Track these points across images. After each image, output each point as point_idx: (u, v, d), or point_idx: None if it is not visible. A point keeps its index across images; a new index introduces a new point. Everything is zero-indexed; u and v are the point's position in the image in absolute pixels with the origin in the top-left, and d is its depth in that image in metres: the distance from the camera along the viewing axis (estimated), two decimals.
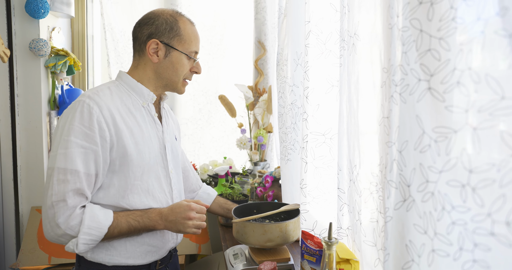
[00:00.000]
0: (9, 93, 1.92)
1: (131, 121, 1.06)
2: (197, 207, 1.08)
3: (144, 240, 1.08)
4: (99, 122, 0.99)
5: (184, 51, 1.11)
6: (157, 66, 1.11)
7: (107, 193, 1.03)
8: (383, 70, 0.86)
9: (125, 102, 1.08)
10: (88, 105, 0.99)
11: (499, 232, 0.58)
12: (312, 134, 1.27)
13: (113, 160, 1.02)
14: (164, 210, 1.07)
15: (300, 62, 1.36)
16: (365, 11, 0.95)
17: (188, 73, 1.16)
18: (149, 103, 1.13)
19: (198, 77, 2.32)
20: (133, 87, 1.11)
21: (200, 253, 1.90)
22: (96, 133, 0.98)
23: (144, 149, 1.07)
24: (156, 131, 1.13)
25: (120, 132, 1.02)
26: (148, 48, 1.09)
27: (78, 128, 0.97)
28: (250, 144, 2.16)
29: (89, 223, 0.96)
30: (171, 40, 1.10)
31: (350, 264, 1.03)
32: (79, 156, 0.97)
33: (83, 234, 0.95)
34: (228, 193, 1.69)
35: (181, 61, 1.12)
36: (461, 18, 0.64)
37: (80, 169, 0.96)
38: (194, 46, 1.14)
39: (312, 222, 1.31)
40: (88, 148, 0.97)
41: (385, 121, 0.84)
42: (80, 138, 0.97)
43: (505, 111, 0.57)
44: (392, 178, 0.78)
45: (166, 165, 1.14)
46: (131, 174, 1.04)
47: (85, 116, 0.98)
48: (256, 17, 2.29)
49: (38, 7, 1.80)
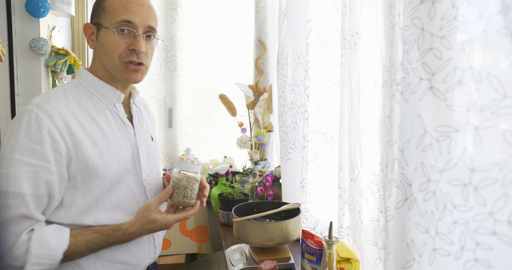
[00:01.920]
0: (9, 92, 1.92)
1: (92, 128, 0.91)
2: (174, 221, 0.95)
3: (116, 258, 0.94)
4: (51, 134, 0.84)
5: (108, 26, 0.91)
6: (97, 53, 0.96)
7: (69, 212, 0.89)
8: (385, 69, 0.86)
9: (85, 106, 0.92)
10: (36, 115, 0.84)
11: (501, 231, 0.58)
12: (313, 133, 1.27)
13: (73, 175, 0.88)
14: (133, 234, 0.92)
15: (300, 61, 1.36)
16: (366, 10, 0.95)
17: (126, 53, 0.93)
18: (116, 103, 0.98)
19: (199, 76, 2.32)
20: (95, 86, 0.96)
21: (201, 252, 1.90)
22: (46, 148, 0.83)
23: (111, 159, 0.92)
24: (127, 134, 0.99)
25: (78, 143, 0.87)
26: (86, 35, 0.96)
27: (23, 143, 0.82)
28: (250, 143, 2.16)
29: (37, 251, 0.81)
30: (98, 18, 0.94)
31: (350, 263, 1.03)
32: (24, 176, 0.82)
33: (31, 265, 0.80)
34: (229, 192, 1.69)
35: (108, 39, 0.92)
36: (463, 17, 0.64)
37: (25, 191, 0.82)
38: (122, 14, 0.91)
39: (313, 221, 1.31)
40: (37, 166, 0.83)
41: (387, 120, 0.84)
42: (26, 155, 0.82)
43: (507, 110, 0.57)
44: (393, 177, 0.78)
45: (139, 172, 1.00)
46: (97, 189, 0.90)
47: (32, 129, 0.83)
48: (256, 16, 2.29)
49: (38, 6, 1.80)
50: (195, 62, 2.31)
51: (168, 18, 2.20)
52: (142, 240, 0.99)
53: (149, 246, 1.02)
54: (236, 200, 1.64)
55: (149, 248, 1.02)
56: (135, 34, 0.93)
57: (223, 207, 1.68)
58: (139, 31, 0.93)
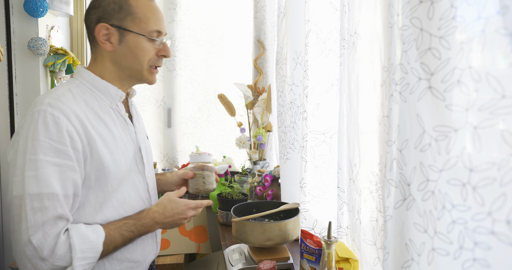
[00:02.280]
0: (7, 92, 1.91)
1: (101, 127, 0.91)
2: (195, 204, 1.03)
3: (124, 257, 0.96)
4: (70, 132, 0.83)
5: (141, 32, 0.94)
6: (113, 55, 0.95)
7: (82, 212, 0.89)
8: (383, 69, 0.86)
9: (91, 106, 0.92)
10: (51, 114, 0.83)
11: (499, 230, 0.58)
12: (312, 133, 1.27)
13: (88, 174, 0.88)
14: (157, 212, 0.97)
15: (299, 61, 1.36)
16: (365, 10, 0.95)
17: (155, 58, 0.98)
18: (118, 102, 0.99)
19: (198, 76, 2.32)
20: (97, 85, 0.95)
21: (200, 252, 1.90)
22: (68, 147, 0.83)
23: (120, 157, 0.93)
24: (129, 133, 1.00)
25: (93, 142, 0.87)
26: (98, 35, 0.93)
27: (45, 143, 0.81)
28: (249, 143, 2.16)
29: (81, 246, 0.82)
30: (122, 22, 0.93)
31: (349, 263, 1.03)
32: (54, 176, 0.81)
33: (78, 261, 0.81)
34: (228, 192, 1.69)
35: (140, 45, 0.94)
36: (462, 17, 0.64)
37: (58, 191, 0.81)
38: (154, 24, 0.95)
39: (312, 221, 1.31)
40: (62, 166, 0.82)
41: (385, 120, 0.84)
42: (50, 155, 0.81)
43: (506, 110, 0.57)
44: (392, 177, 0.78)
45: (142, 170, 1.02)
46: (109, 188, 0.91)
47: (51, 128, 0.82)
48: (255, 16, 2.29)
49: (37, 6, 1.80)
50: (194, 62, 2.31)
51: (167, 18, 2.20)
52: (146, 237, 1.02)
53: (152, 242, 1.05)
54: (235, 200, 1.64)
55: (152, 244, 1.05)
56: (161, 41, 0.99)
57: (222, 207, 1.68)
58: (164, 38, 1.00)
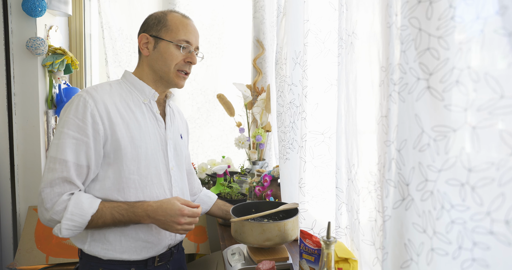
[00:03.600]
0: (6, 92, 1.91)
1: (128, 116, 1.08)
2: (189, 212, 1.06)
3: (139, 236, 1.09)
4: (93, 115, 1.02)
5: (171, 40, 1.13)
6: (149, 59, 1.15)
7: (103, 185, 1.06)
8: (382, 69, 0.86)
9: (125, 98, 1.11)
10: (84, 99, 1.03)
11: (498, 230, 0.58)
12: (311, 133, 1.27)
13: (108, 153, 1.05)
14: (151, 206, 1.05)
15: (299, 61, 1.36)
16: (363, 9, 0.95)
17: (182, 64, 1.15)
18: (151, 100, 1.15)
19: (197, 76, 2.31)
20: (135, 84, 1.14)
21: (199, 253, 1.90)
22: (88, 126, 1.01)
23: (141, 143, 1.08)
24: (158, 128, 1.15)
25: (114, 126, 1.04)
26: (140, 43, 1.15)
27: (72, 120, 1.01)
28: (248, 143, 2.16)
29: (72, 209, 0.98)
30: (158, 32, 1.13)
31: (348, 263, 1.03)
32: (69, 146, 1.00)
33: (65, 220, 0.98)
34: (227, 192, 1.69)
35: (169, 50, 1.13)
36: (460, 17, 0.64)
37: (69, 159, 1.00)
38: (183, 34, 1.14)
39: (311, 221, 1.31)
40: (79, 140, 1.01)
41: (384, 120, 0.84)
42: (72, 130, 1.01)
43: (504, 110, 0.57)
44: (390, 177, 0.78)
45: (167, 162, 1.15)
46: (125, 168, 1.06)
47: (79, 109, 1.02)
48: (254, 16, 2.29)
49: (35, 6, 1.79)
50: None
51: None
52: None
53: None
54: (234, 200, 1.64)
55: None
56: (190, 50, 1.16)
57: None
58: (193, 49, 1.17)
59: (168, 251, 1.17)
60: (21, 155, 1.93)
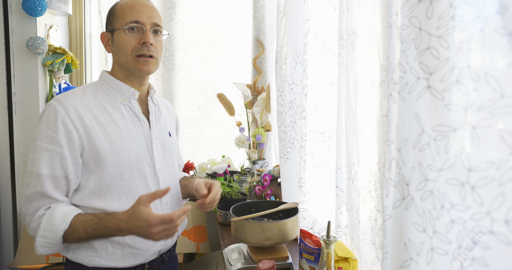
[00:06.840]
0: (6, 91, 1.91)
1: (105, 119, 1.02)
2: (158, 221, 0.89)
3: (125, 242, 1.01)
4: (65, 123, 0.97)
5: (120, 27, 1.05)
6: (113, 55, 1.10)
7: (83, 195, 1.00)
8: (382, 68, 0.86)
9: (101, 101, 1.04)
10: (54, 107, 0.98)
11: (498, 230, 0.58)
12: (311, 132, 1.27)
13: (87, 160, 0.99)
14: (121, 220, 0.92)
15: (299, 61, 1.36)
16: (364, 9, 0.95)
17: (138, 47, 1.05)
18: (131, 99, 1.08)
19: (197, 75, 2.31)
20: (111, 84, 1.08)
21: (199, 252, 1.90)
22: (60, 135, 0.96)
23: (122, 147, 1.02)
24: (141, 128, 1.08)
25: (89, 132, 0.99)
26: (103, 42, 1.11)
27: (43, 131, 0.97)
28: (248, 143, 2.16)
29: (45, 225, 0.93)
30: (111, 25, 1.08)
31: (348, 263, 1.04)
32: (42, 159, 0.96)
33: (39, 237, 0.94)
34: (227, 191, 1.69)
35: (121, 38, 1.05)
36: (461, 16, 0.64)
37: (42, 172, 0.95)
38: (130, 16, 1.05)
39: (311, 220, 1.31)
40: (52, 151, 0.96)
41: (384, 120, 0.84)
42: (45, 142, 0.96)
43: (504, 110, 0.57)
44: (390, 176, 0.78)
45: (153, 163, 1.08)
46: (107, 174, 1.00)
47: (50, 119, 0.97)
48: (254, 15, 2.29)
49: (35, 5, 1.79)
50: (193, 61, 2.30)
51: (166, 17, 2.20)
52: None
53: None
54: (234, 200, 1.64)
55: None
56: (143, 30, 1.05)
57: (221, 207, 1.68)
58: (147, 27, 1.06)
59: (159, 258, 1.10)
60: (21, 154, 1.93)
